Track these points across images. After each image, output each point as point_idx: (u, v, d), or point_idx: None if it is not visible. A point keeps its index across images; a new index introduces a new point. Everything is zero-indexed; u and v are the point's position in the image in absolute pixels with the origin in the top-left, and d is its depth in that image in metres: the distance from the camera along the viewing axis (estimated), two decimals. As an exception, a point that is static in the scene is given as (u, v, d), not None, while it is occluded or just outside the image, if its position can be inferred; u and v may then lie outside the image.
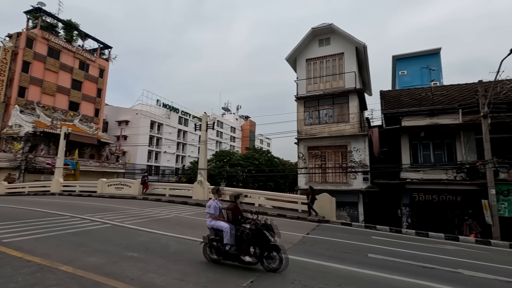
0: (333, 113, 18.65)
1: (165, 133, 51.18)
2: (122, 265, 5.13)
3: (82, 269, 4.79)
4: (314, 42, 20.01)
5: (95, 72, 40.67)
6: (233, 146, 69.24)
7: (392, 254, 7.79)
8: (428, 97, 16.64)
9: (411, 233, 12.48)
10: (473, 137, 14.60)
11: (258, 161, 38.93)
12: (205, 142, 20.18)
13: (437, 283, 5.45)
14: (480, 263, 7.61)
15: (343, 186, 17.39)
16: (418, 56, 26.83)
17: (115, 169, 37.92)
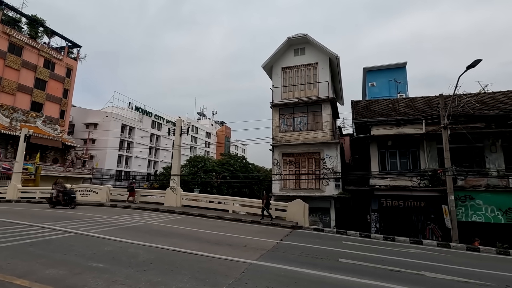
0: (307, 121, 19.11)
1: (137, 137, 49.44)
2: (86, 277, 4.82)
3: (40, 282, 4.43)
4: (290, 51, 20.51)
5: (62, 72, 38.49)
6: (208, 152, 68.38)
7: (361, 258, 8.04)
8: (395, 108, 17.62)
9: (379, 237, 13.00)
10: (435, 146, 15.63)
11: (233, 167, 38.73)
12: (179, 147, 19.75)
13: (403, 286, 5.70)
14: (441, 265, 8.09)
15: (316, 193, 17.77)
16: (386, 69, 28.44)
17: (81, 175, 35.84)
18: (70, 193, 15.27)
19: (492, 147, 14.86)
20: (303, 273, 6.02)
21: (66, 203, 14.96)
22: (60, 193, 15.09)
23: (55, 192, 15.17)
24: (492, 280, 6.76)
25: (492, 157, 14.82)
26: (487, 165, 14.78)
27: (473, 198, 14.22)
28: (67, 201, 14.98)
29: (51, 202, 15.11)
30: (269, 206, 14.58)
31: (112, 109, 46.60)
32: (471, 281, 6.46)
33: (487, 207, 13.99)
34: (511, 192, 13.83)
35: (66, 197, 15.02)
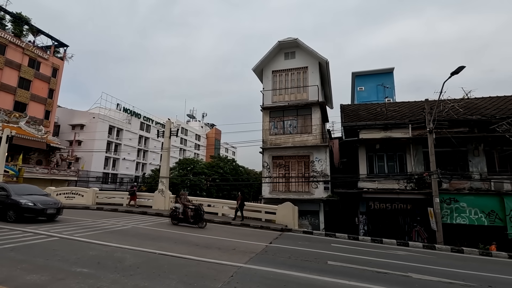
0: (297, 124, 19.25)
1: (125, 139, 48.59)
2: (69, 282, 4.68)
3: (20, 288, 4.27)
4: (280, 55, 20.66)
5: (48, 71, 37.53)
6: (197, 154, 67.83)
7: (349, 260, 8.12)
8: (383, 112, 17.97)
9: (367, 240, 13.17)
10: (421, 150, 16.00)
11: (223, 170, 38.52)
12: (168, 149, 19.52)
13: (390, 287, 5.78)
14: (426, 266, 8.25)
15: (305, 195, 17.87)
16: (375, 74, 29.04)
17: (66, 177, 34.90)
18: (199, 210, 12.49)
19: (475, 151, 15.32)
20: (292, 276, 6.02)
21: (195, 220, 12.31)
22: (188, 208, 12.55)
23: (181, 206, 12.67)
24: (475, 280, 6.94)
25: (475, 160, 15.28)
26: (470, 169, 15.23)
27: (458, 201, 14.60)
28: (196, 219, 12.34)
29: (175, 218, 12.61)
30: (243, 207, 15.09)
31: (100, 110, 45.68)
32: (455, 282, 6.61)
33: (471, 209, 14.39)
34: (493, 195, 14.28)
35: (194, 213, 12.44)
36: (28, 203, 10.09)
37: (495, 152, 15.17)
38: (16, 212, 9.92)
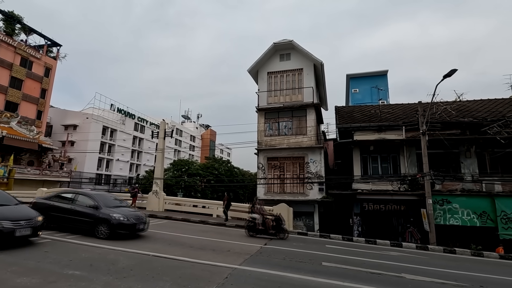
0: (292, 126, 19.30)
1: (119, 140, 48.15)
2: (61, 285, 4.61)
3: (10, 292, 4.19)
4: (276, 57, 20.72)
5: (40, 71, 37.03)
6: (192, 155, 67.54)
7: (344, 261, 8.15)
8: (377, 114, 18.13)
9: (361, 241, 13.25)
10: (414, 152, 16.17)
11: (218, 171, 38.41)
12: (162, 150, 19.41)
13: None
14: (419, 267, 8.32)
15: (300, 197, 17.91)
16: (369, 76, 29.30)
17: (59, 178, 34.41)
18: (280, 220, 11.66)
19: (466, 153, 15.55)
20: (286, 278, 6.02)
21: (276, 231, 11.48)
22: (268, 218, 11.69)
23: (259, 217, 11.69)
24: (467, 280, 7.03)
25: (467, 162, 15.50)
26: (462, 170, 15.44)
27: (450, 202, 14.78)
28: (277, 229, 11.52)
29: (253, 229, 11.64)
30: (229, 207, 15.18)
31: (93, 110, 45.21)
32: (448, 282, 6.68)
33: (463, 210, 14.58)
34: (484, 196, 14.50)
35: (275, 224, 11.57)
36: (121, 217, 8.60)
37: (486, 154, 15.41)
38: (109, 228, 8.40)
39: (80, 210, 8.95)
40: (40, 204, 9.35)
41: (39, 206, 9.20)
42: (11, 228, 6.54)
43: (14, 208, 7.38)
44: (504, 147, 14.48)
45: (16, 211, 7.23)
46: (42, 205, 9.31)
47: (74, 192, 9.83)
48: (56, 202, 9.38)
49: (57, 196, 9.70)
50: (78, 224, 8.83)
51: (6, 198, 7.89)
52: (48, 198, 9.73)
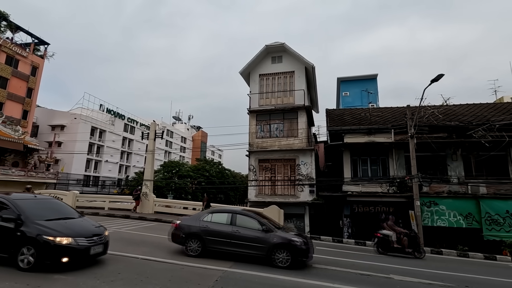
0: (283, 128, 19.38)
1: (108, 141, 47.32)
2: (46, 289, 4.48)
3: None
4: (267, 59, 20.80)
5: (26, 69, 36.11)
6: (183, 157, 66.99)
7: (334, 263, 8.22)
8: (367, 117, 18.39)
9: (351, 242, 13.39)
10: (403, 155, 16.45)
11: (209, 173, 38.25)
12: (152, 152, 19.19)
13: (372, 289, 5.88)
14: (407, 268, 8.46)
15: (291, 199, 17.97)
16: (359, 80, 29.71)
17: (45, 179, 33.54)
18: (416, 237, 10.86)
19: (453, 156, 15.91)
20: (276, 280, 6.03)
21: (413, 250, 10.64)
22: (402, 234, 10.75)
23: (392, 234, 10.74)
24: (453, 281, 7.18)
25: (453, 165, 15.86)
26: (449, 173, 15.79)
27: (437, 204, 15.09)
28: (414, 247, 10.65)
29: (384, 247, 10.85)
30: (209, 207, 15.10)
31: (82, 110, 44.32)
32: (434, 283, 6.82)
33: (450, 212, 14.90)
34: (470, 198, 14.85)
35: (411, 241, 10.69)
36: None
37: (471, 157, 15.80)
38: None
39: (247, 234, 7.47)
40: (191, 228, 7.80)
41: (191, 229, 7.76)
42: (86, 246, 5.73)
43: (81, 221, 6.50)
44: (488, 150, 14.89)
45: (85, 225, 6.38)
46: (194, 228, 7.77)
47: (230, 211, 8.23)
48: (211, 224, 7.80)
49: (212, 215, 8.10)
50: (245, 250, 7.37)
51: (68, 210, 6.91)
52: (199, 218, 8.11)
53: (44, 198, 7.29)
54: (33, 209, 5.99)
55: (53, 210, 6.47)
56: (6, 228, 5.55)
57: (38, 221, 5.66)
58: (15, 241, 5.45)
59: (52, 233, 5.46)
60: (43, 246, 5.31)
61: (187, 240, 7.69)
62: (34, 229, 5.47)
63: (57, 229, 5.59)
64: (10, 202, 5.92)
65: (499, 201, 14.41)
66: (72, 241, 5.52)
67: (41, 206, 6.40)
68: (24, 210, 5.77)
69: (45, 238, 5.35)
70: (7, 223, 5.57)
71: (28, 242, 5.38)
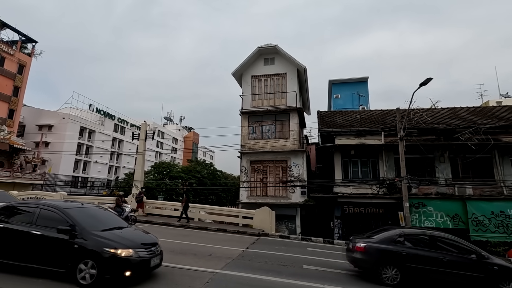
0: (275, 129, 19.45)
1: (98, 141, 46.53)
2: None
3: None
4: (260, 60, 20.86)
5: (13, 68, 35.21)
6: (174, 158, 66.40)
7: (324, 264, 8.28)
8: (357, 119, 18.62)
9: (341, 243, 13.49)
10: (392, 157, 16.72)
11: (200, 174, 38.01)
12: (143, 153, 18.96)
13: (362, 290, 5.94)
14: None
15: (283, 200, 18.02)
16: (350, 83, 30.09)
17: (31, 180, 32.75)
18: None
19: (441, 158, 16.25)
20: (267, 281, 6.03)
21: None
22: None
23: None
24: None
25: (441, 167, 16.20)
26: (437, 175, 16.12)
27: (425, 205, 15.37)
28: None
29: None
30: (188, 208, 15.31)
31: (70, 110, 43.47)
32: (423, 283, 6.92)
33: (437, 213, 15.19)
34: (456, 199, 15.19)
35: None
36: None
37: (458, 159, 16.18)
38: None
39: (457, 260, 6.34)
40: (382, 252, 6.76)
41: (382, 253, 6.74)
42: (147, 257, 5.29)
43: (134, 231, 6.06)
44: (475, 152, 15.27)
45: (139, 234, 5.94)
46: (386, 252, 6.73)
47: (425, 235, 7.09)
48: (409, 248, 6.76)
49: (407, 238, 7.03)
50: None
51: (115, 218, 6.36)
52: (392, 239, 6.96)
53: (90, 206, 6.67)
54: (85, 219, 5.52)
55: (103, 219, 6.02)
56: (61, 241, 5.06)
57: (95, 232, 5.21)
58: (73, 255, 4.96)
59: (113, 244, 5.00)
60: (105, 260, 4.86)
61: (380, 267, 6.61)
62: (93, 241, 5.02)
63: (116, 240, 5.15)
64: (62, 212, 5.43)
65: (485, 202, 14.77)
66: (133, 253, 5.06)
67: (90, 215, 5.93)
68: (78, 220, 5.30)
69: (106, 251, 4.89)
70: (62, 234, 5.07)
71: (87, 255, 4.92)
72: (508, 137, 15.16)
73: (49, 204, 5.67)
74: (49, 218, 5.34)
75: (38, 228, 5.22)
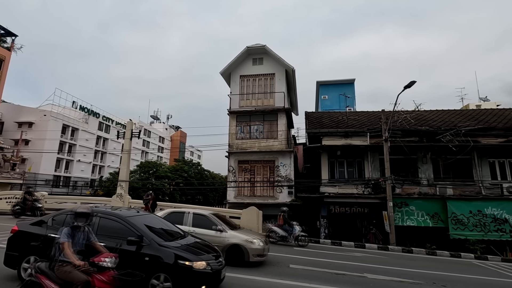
0: (263, 129, 19.49)
1: (81, 140, 45.22)
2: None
3: None
4: (248, 60, 20.84)
5: (-9, 62, 33.75)
6: (160, 157, 65.41)
7: (311, 263, 8.36)
8: (344, 120, 18.92)
9: (328, 243, 13.69)
10: (377, 157, 17.08)
11: (187, 174, 37.61)
12: (128, 152, 18.58)
13: (347, 288, 6.05)
14: (380, 266, 8.78)
15: (270, 200, 18.08)
16: (337, 84, 30.54)
17: (10, 179, 31.50)
18: None
19: (423, 159, 16.75)
20: (254, 281, 6.04)
21: None
22: None
23: None
24: (422, 278, 7.55)
25: (423, 167, 16.69)
26: (420, 175, 16.59)
27: (408, 205, 15.79)
28: None
29: None
30: (155, 207, 15.05)
31: (52, 107, 42.01)
32: (405, 280, 7.13)
33: (418, 212, 15.64)
34: (437, 199, 15.68)
35: None
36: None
37: (440, 160, 16.71)
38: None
39: None
40: None
41: None
42: (218, 269, 5.05)
43: (195, 240, 5.74)
44: (455, 154, 15.82)
45: (203, 244, 5.69)
46: None
47: None
48: None
49: None
50: None
51: (171, 226, 6.02)
52: None
53: (146, 214, 6.31)
54: (149, 228, 5.16)
55: (162, 227, 5.60)
56: (129, 253, 4.68)
57: (164, 243, 4.88)
58: (143, 268, 4.58)
59: (186, 256, 4.70)
60: (180, 273, 4.54)
61: None
62: (164, 252, 4.69)
63: (187, 251, 4.87)
64: (125, 221, 5.00)
65: (464, 202, 15.32)
66: (206, 265, 4.75)
67: (151, 223, 5.48)
68: (143, 230, 4.94)
69: (181, 263, 4.56)
70: (130, 246, 4.70)
71: (160, 268, 4.59)
72: (486, 139, 15.78)
73: (109, 213, 5.29)
74: (110, 228, 4.96)
75: (99, 238, 4.63)
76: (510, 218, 14.72)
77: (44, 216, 5.96)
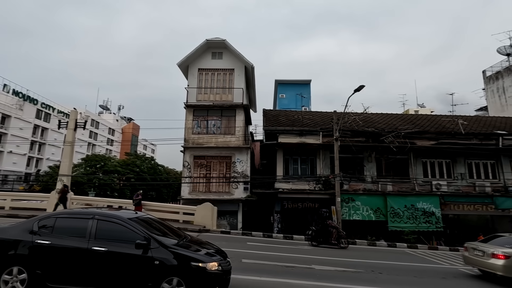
0: (221, 125, 19.32)
1: (14, 128, 40.08)
2: None
3: None
4: (208, 54, 20.41)
5: None
6: (110, 151, 61.04)
7: (262, 257, 8.57)
8: (300, 119, 19.64)
9: (280, 237, 14.16)
10: (328, 155, 18.09)
11: (140, 169, 35.68)
12: (71, 143, 17.01)
13: (295, 279, 6.35)
14: (326, 258, 9.35)
15: (225, 196, 18.06)
16: (295, 84, 31.55)
17: None
18: None
19: (368, 158, 18.20)
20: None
21: None
22: None
23: None
24: (363, 267, 8.23)
25: (368, 166, 18.14)
26: (365, 173, 18.01)
27: (354, 200, 17.05)
28: None
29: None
30: (66, 201, 14.37)
31: (-23, 90, 36.55)
32: (348, 270, 7.71)
33: (363, 207, 16.99)
34: (380, 195, 17.21)
35: None
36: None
37: (383, 159, 18.32)
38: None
39: None
40: None
41: None
42: (228, 269, 4.95)
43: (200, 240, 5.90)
44: (395, 154, 17.50)
45: (207, 244, 5.66)
46: None
47: None
48: None
49: None
50: None
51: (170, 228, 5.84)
52: None
53: (145, 214, 5.99)
54: (154, 231, 4.96)
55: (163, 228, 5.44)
56: (136, 257, 4.44)
57: (173, 245, 4.71)
58: (153, 272, 4.37)
59: (197, 257, 4.60)
60: (193, 275, 4.41)
61: None
62: (174, 255, 4.51)
63: (197, 252, 4.80)
64: (127, 223, 4.76)
65: (400, 197, 17.05)
66: (217, 266, 4.63)
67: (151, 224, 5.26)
68: (149, 233, 4.71)
69: (194, 265, 4.43)
70: (137, 250, 4.43)
71: (171, 272, 4.40)
72: (421, 141, 17.70)
73: (108, 214, 4.98)
74: (111, 231, 4.68)
75: (99, 243, 4.51)
76: (436, 211, 16.78)
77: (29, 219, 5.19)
